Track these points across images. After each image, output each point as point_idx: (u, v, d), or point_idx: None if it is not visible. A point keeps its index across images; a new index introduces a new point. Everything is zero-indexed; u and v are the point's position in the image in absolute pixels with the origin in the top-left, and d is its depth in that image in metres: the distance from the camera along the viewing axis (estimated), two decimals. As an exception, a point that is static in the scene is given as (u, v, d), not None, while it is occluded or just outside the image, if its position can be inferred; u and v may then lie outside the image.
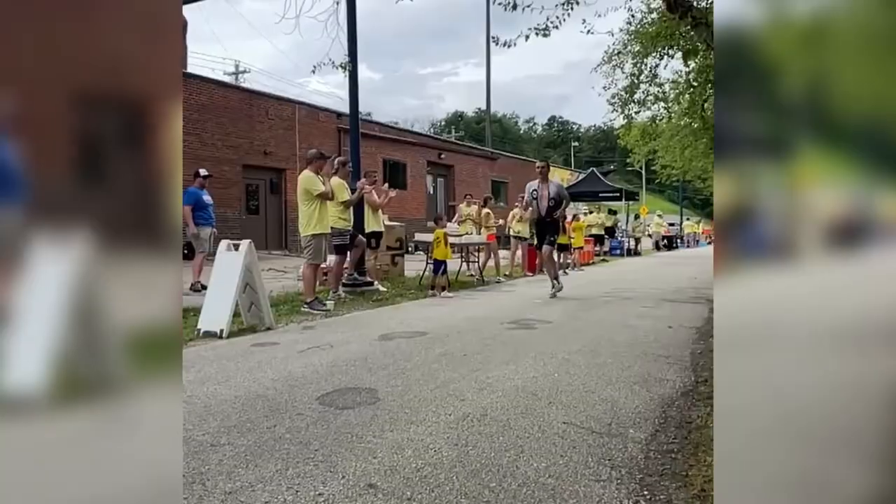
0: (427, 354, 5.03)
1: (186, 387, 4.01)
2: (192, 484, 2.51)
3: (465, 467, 2.70)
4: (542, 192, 9.15)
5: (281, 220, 20.61)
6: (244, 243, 6.25)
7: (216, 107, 18.72)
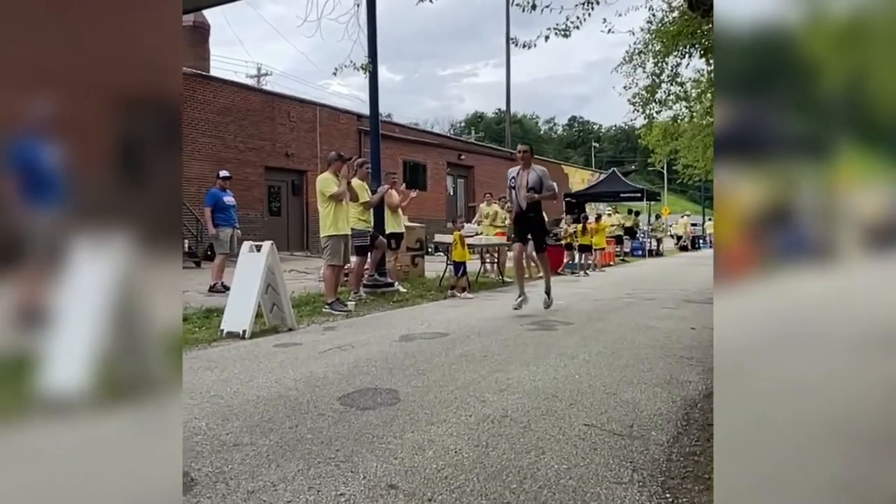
0: (447, 355, 5.03)
1: (210, 387, 4.05)
2: (216, 483, 2.54)
3: (486, 468, 2.70)
4: (521, 182, 7.55)
5: (302, 221, 20.75)
6: (266, 244, 6.31)
7: (238, 109, 18.90)
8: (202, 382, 4.17)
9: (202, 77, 18.88)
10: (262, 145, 19.52)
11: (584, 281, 13.36)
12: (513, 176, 7.68)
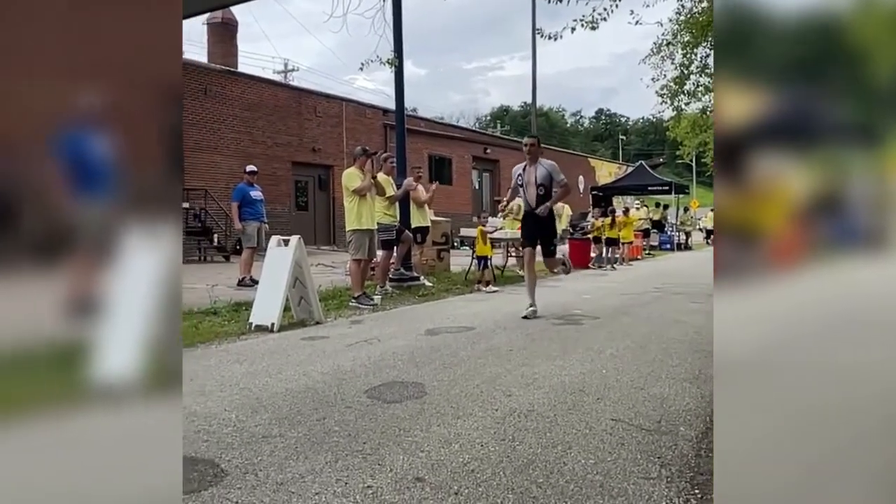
0: (473, 349, 5.04)
1: (239, 379, 4.11)
2: (245, 474, 2.58)
3: (512, 462, 2.70)
4: (529, 178, 6.94)
5: (329, 215, 20.90)
6: (293, 239, 6.37)
7: (266, 105, 19.08)
8: (232, 375, 4.23)
9: (230, 73, 19.08)
10: (290, 140, 19.69)
11: (611, 275, 13.26)
12: (519, 173, 7.09)
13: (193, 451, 2.84)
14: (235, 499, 2.36)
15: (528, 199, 7.02)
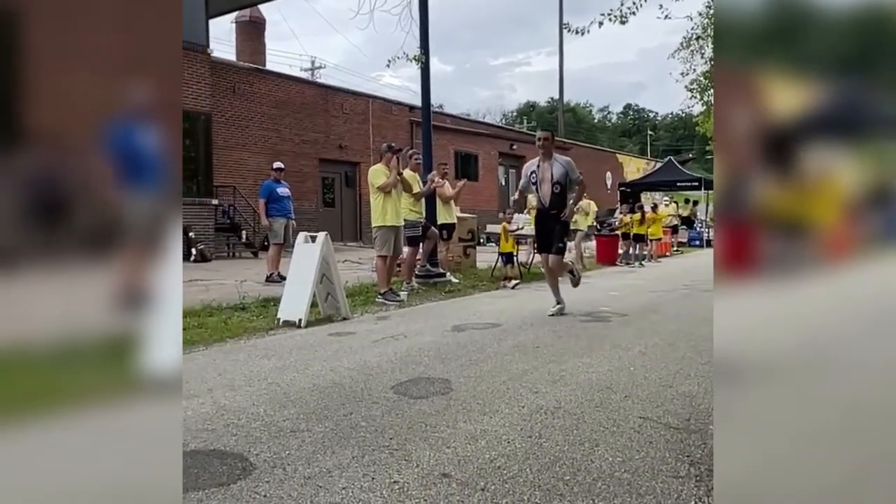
0: (500, 346, 5.03)
1: (267, 374, 4.15)
2: (274, 468, 2.60)
3: (539, 459, 2.69)
4: (544, 175, 6.55)
5: (355, 212, 21.01)
6: (320, 235, 6.41)
7: (293, 102, 19.23)
8: (260, 370, 4.28)
9: (258, 71, 19.26)
10: (317, 137, 19.82)
11: (639, 272, 13.14)
12: (532, 170, 6.65)
13: (223, 444, 2.88)
14: (264, 492, 2.38)
15: (542, 197, 6.64)
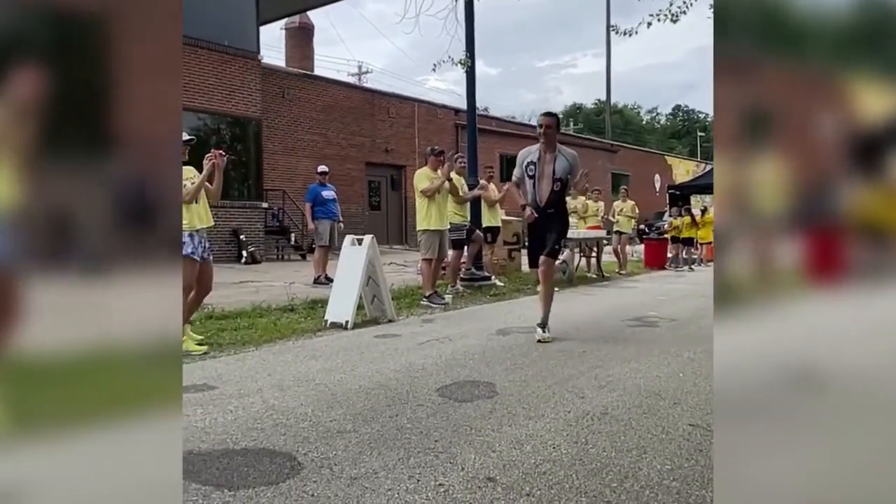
0: (545, 350, 4.99)
1: (315, 375, 4.21)
2: (321, 468, 2.64)
3: (585, 465, 2.66)
4: (544, 169, 5.43)
5: (401, 215, 21.16)
6: (367, 238, 6.48)
7: (341, 107, 19.49)
8: (308, 371, 4.35)
9: (307, 77, 19.59)
10: (363, 142, 20.05)
11: (688, 276, 12.88)
12: (531, 161, 5.48)
13: (272, 443, 2.93)
14: (312, 491, 2.42)
15: (539, 195, 5.47)
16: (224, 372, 4.33)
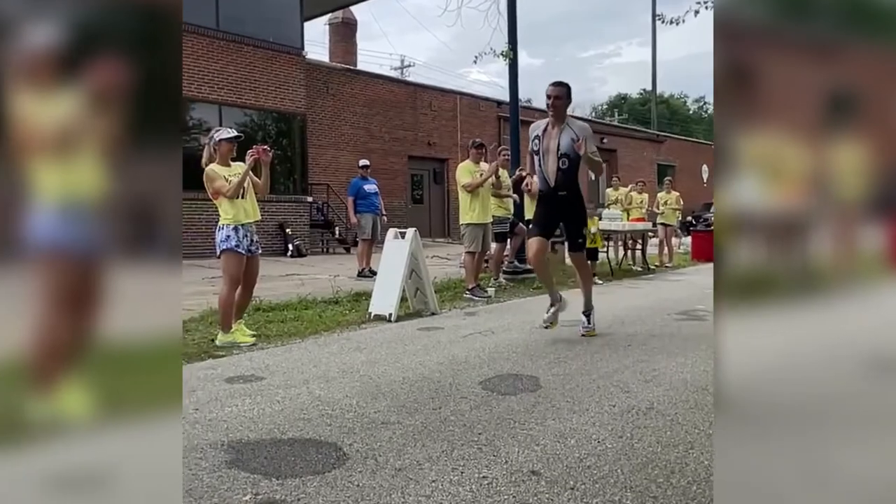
0: (589, 343, 4.95)
1: (359, 367, 4.27)
2: (366, 459, 2.68)
3: (631, 460, 2.63)
4: (549, 144, 4.93)
5: (443, 208, 21.20)
6: (409, 231, 6.52)
7: (384, 101, 19.60)
8: (352, 362, 4.40)
9: (350, 71, 19.75)
10: (406, 135, 20.12)
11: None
12: (537, 135, 5.02)
13: (318, 434, 2.99)
14: (357, 482, 2.45)
15: (547, 173, 5.00)
16: (271, 363, 4.42)
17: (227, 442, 2.88)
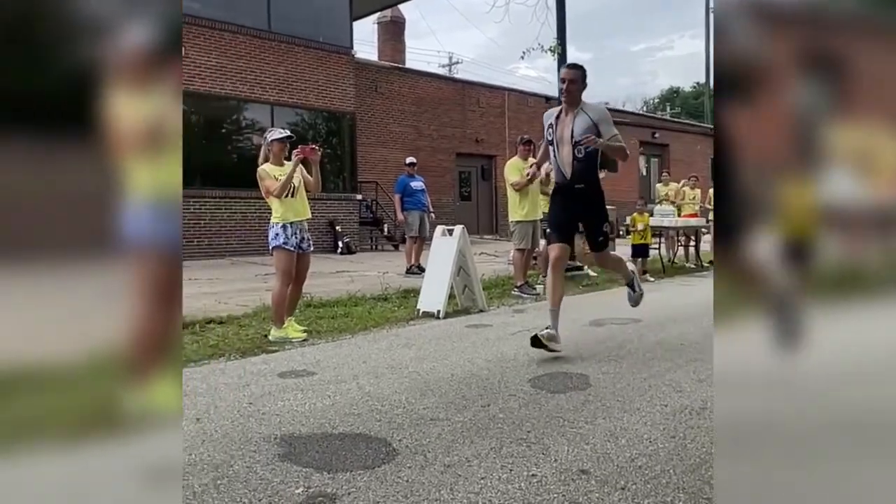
0: (641, 342, 4.87)
1: (408, 363, 4.29)
2: (415, 455, 2.70)
3: (684, 461, 2.58)
4: (562, 132, 4.45)
5: (491, 205, 21.15)
6: (457, 228, 6.53)
7: (432, 99, 19.66)
8: (401, 359, 4.44)
9: (398, 70, 19.87)
10: (454, 132, 20.14)
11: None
12: (550, 123, 4.55)
13: (367, 429, 3.02)
14: (406, 477, 2.47)
15: (562, 164, 4.48)
16: (322, 358, 4.49)
17: (279, 435, 2.94)
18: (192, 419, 3.19)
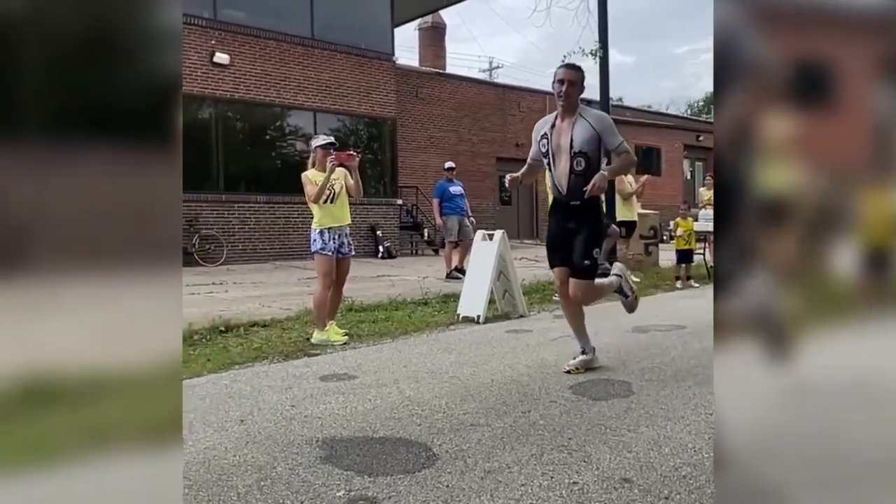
0: (685, 349, 4.78)
1: (448, 368, 4.30)
2: (455, 460, 2.69)
3: (729, 472, 2.52)
4: (559, 140, 4.04)
5: (532, 209, 21.06)
6: (497, 233, 6.51)
7: (472, 103, 19.69)
8: (441, 363, 4.44)
9: (439, 75, 19.96)
10: (494, 137, 20.14)
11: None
12: (544, 133, 4.13)
13: (408, 433, 3.03)
14: (446, 482, 2.47)
15: (557, 177, 4.05)
16: (363, 362, 4.53)
17: (321, 438, 2.98)
18: (236, 421, 3.25)
